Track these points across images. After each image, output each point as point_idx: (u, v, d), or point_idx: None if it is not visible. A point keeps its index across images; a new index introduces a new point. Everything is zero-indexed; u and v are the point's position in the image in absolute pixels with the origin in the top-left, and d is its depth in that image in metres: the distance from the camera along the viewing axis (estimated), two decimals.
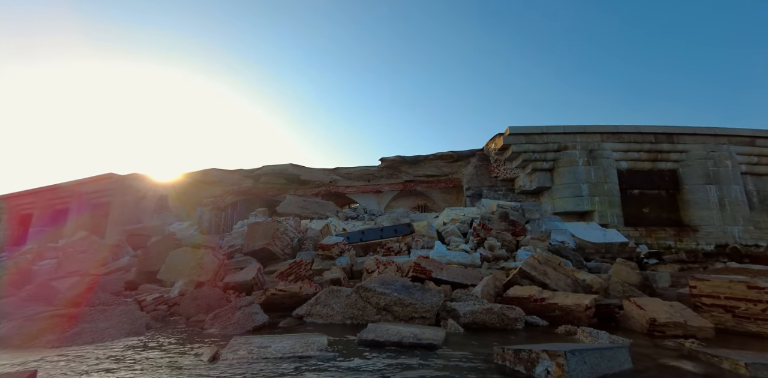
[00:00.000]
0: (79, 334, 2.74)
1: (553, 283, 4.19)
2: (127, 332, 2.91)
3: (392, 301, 3.49)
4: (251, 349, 2.39)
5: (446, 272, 4.75)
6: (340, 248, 6.34)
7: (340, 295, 3.73)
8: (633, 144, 9.81)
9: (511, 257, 6.22)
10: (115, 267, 5.96)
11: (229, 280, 4.66)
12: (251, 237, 6.13)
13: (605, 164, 9.84)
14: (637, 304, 3.15)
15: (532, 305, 3.74)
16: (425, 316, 3.42)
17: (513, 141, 10.14)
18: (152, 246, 5.95)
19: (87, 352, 2.52)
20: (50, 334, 2.69)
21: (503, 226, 6.37)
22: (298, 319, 3.72)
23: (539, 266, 4.34)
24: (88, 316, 2.94)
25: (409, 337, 2.67)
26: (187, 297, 3.98)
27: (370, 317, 3.54)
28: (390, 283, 3.73)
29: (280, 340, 2.57)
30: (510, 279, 4.41)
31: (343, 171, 14.53)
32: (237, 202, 15.03)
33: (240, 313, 3.42)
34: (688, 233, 9.26)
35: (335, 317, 3.64)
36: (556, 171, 10.19)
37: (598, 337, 2.61)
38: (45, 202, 16.61)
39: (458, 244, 6.46)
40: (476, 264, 5.89)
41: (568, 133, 10.06)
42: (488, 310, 3.32)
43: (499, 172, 11.42)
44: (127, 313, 3.13)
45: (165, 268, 5.46)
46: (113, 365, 2.22)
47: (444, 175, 13.20)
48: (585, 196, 9.77)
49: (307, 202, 12.67)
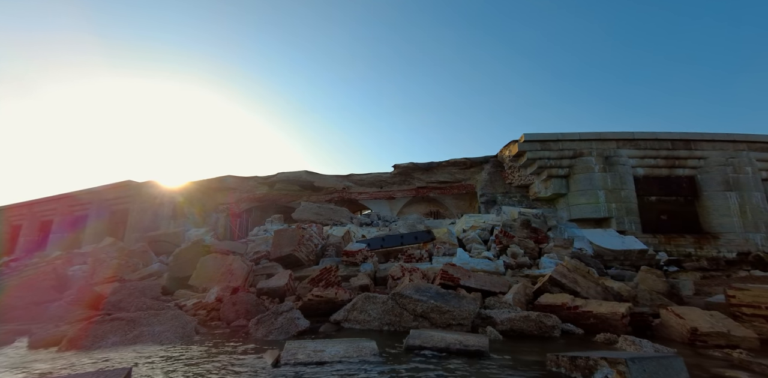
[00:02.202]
0: (139, 336, 2.87)
1: (583, 291, 4.23)
2: (180, 336, 3.03)
3: (429, 308, 3.57)
4: (308, 353, 2.49)
5: (474, 280, 4.81)
6: (363, 255, 6.44)
7: (376, 302, 3.82)
8: (649, 150, 9.82)
9: (534, 265, 6.26)
10: (147, 273, 6.12)
11: (263, 285, 4.78)
12: (278, 243, 6.26)
13: (622, 171, 9.85)
14: (676, 313, 3.19)
15: (566, 313, 3.78)
16: (462, 323, 3.50)
17: (528, 147, 10.21)
18: (182, 252, 6.11)
19: (152, 353, 2.64)
20: (113, 336, 2.82)
21: (525, 233, 6.42)
22: (335, 324, 3.81)
23: (569, 274, 4.39)
24: (143, 320, 3.07)
25: (455, 343, 2.74)
26: (226, 302, 4.10)
27: (408, 324, 3.62)
28: (425, 291, 3.82)
29: (332, 344, 2.67)
30: (539, 287, 4.46)
31: (356, 177, 14.69)
32: (252, 208, 15.25)
33: (282, 318, 3.53)
34: (708, 240, 9.18)
35: (372, 323, 3.73)
36: (572, 178, 10.21)
37: (641, 345, 2.66)
38: (65, 209, 17.01)
39: (480, 251, 6.52)
40: (500, 271, 5.94)
41: (583, 140, 10.11)
42: (525, 318, 3.38)
43: (513, 179, 11.47)
44: (177, 318, 3.25)
45: (196, 274, 5.61)
46: (188, 368, 2.33)
47: (457, 181, 13.28)
48: (602, 203, 9.76)
49: (321, 208, 12.83)
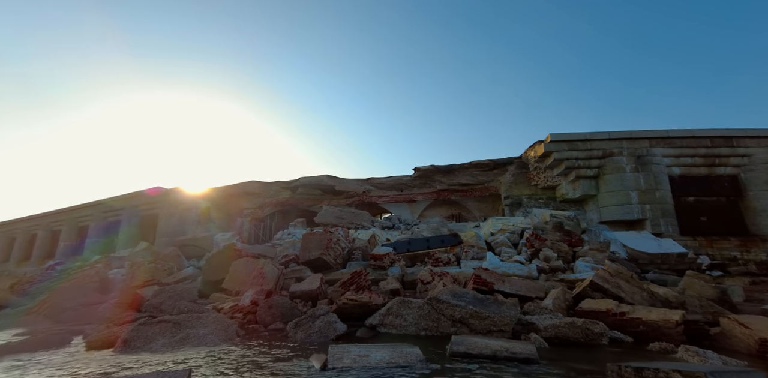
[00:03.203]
0: (185, 338, 2.95)
1: (628, 296, 4.04)
2: (223, 338, 3.09)
3: (468, 314, 3.49)
4: (353, 357, 2.47)
5: (509, 284, 4.68)
6: (390, 258, 6.40)
7: (412, 307, 3.77)
8: (686, 149, 9.34)
9: (568, 269, 6.04)
10: (181, 276, 6.31)
11: (295, 289, 4.82)
12: (306, 247, 6.32)
13: (655, 170, 9.41)
14: (741, 323, 2.98)
15: (611, 320, 3.61)
16: (503, 330, 3.39)
17: (554, 148, 9.93)
18: (214, 256, 6.26)
19: (202, 355, 2.71)
20: (162, 338, 2.91)
21: (558, 236, 6.21)
22: (371, 328, 3.79)
23: (611, 278, 4.20)
24: (188, 323, 3.16)
25: (502, 350, 2.66)
26: (262, 306, 4.16)
27: (446, 329, 3.56)
28: (461, 296, 3.74)
29: (375, 350, 2.64)
30: (579, 292, 4.28)
31: (376, 181, 14.72)
32: (275, 212, 15.54)
33: (319, 322, 3.54)
34: (756, 243, 8.60)
35: (409, 328, 3.68)
36: (602, 178, 9.84)
37: (705, 356, 2.49)
38: (100, 215, 17.88)
39: (510, 255, 6.35)
40: (533, 276, 5.76)
41: (613, 139, 9.74)
42: (571, 325, 3.25)
43: (539, 180, 11.18)
44: (219, 321, 3.32)
45: (229, 277, 5.73)
46: (240, 370, 2.37)
47: (479, 183, 13.07)
48: (635, 204, 9.35)
49: (343, 212, 12.91)
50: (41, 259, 18.55)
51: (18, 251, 19.88)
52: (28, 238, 19.97)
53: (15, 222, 20.67)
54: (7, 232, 21.07)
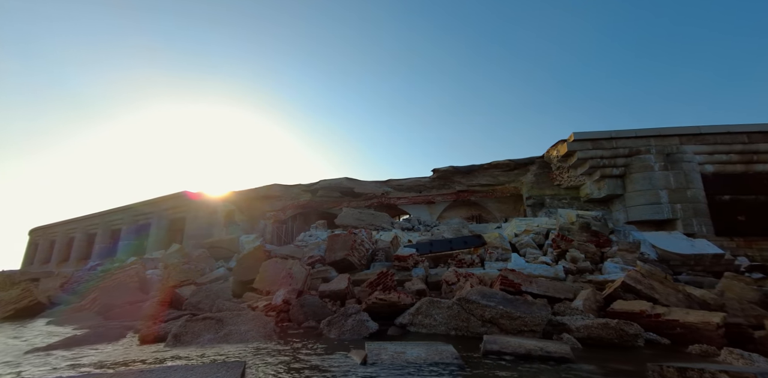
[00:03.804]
0: (228, 335, 3.13)
1: (662, 297, 3.95)
2: (263, 335, 3.26)
3: (498, 314, 3.52)
4: (390, 354, 2.57)
5: (536, 286, 4.66)
6: (414, 259, 6.47)
7: (441, 307, 3.83)
8: (720, 146, 8.95)
9: (596, 270, 5.93)
10: (213, 276, 6.61)
11: (324, 288, 4.97)
12: (332, 248, 6.48)
13: (687, 168, 9.06)
14: None
15: (645, 321, 3.55)
16: (534, 330, 3.40)
17: (578, 147, 9.73)
18: (244, 258, 6.52)
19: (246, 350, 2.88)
20: (207, 334, 3.11)
21: (585, 236, 6.11)
22: (401, 327, 3.87)
23: (643, 280, 4.12)
24: (229, 320, 3.35)
25: (536, 349, 2.69)
26: (294, 305, 4.32)
27: (476, 329, 3.60)
28: (491, 296, 3.77)
29: (411, 347, 2.73)
30: (610, 293, 4.22)
31: (394, 183, 14.82)
32: (296, 215, 15.89)
33: (351, 320, 3.65)
34: None
35: (438, 328, 3.74)
36: (628, 177, 9.56)
37: (752, 359, 2.43)
38: (131, 218, 18.79)
39: (536, 256, 6.29)
40: (560, 277, 5.69)
41: (640, 137, 9.46)
42: (604, 325, 3.22)
43: (562, 180, 10.96)
44: (258, 318, 3.50)
45: (259, 277, 5.95)
46: (286, 364, 2.51)
47: (500, 184, 12.93)
48: (664, 204, 9.03)
49: (362, 213, 13.06)
50: (78, 260, 19.68)
51: (57, 253, 21.16)
52: (66, 240, 21.22)
53: (55, 225, 22.02)
54: (48, 235, 22.47)
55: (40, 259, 22.26)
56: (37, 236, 23.44)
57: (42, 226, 23.28)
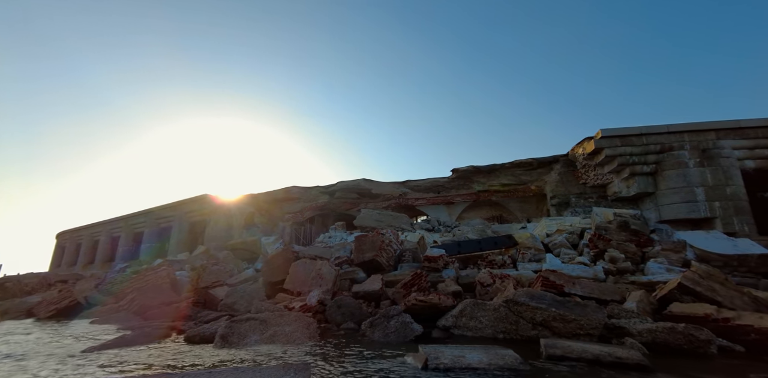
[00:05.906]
0: (274, 335, 3.06)
1: (726, 300, 3.69)
2: (307, 336, 3.18)
3: (550, 316, 3.34)
4: (451, 358, 2.43)
5: (580, 287, 4.45)
6: (444, 261, 6.31)
7: (486, 309, 3.67)
8: (762, 140, 8.50)
9: (638, 270, 5.65)
10: (242, 278, 6.60)
11: (358, 289, 4.87)
12: (360, 249, 6.39)
13: (725, 164, 8.62)
14: None
15: (711, 325, 3.30)
16: (591, 333, 3.21)
17: (606, 144, 9.39)
18: (272, 259, 6.48)
19: (296, 351, 2.79)
20: (253, 335, 3.05)
21: (624, 236, 5.84)
22: (444, 330, 3.73)
23: (702, 281, 3.86)
24: (273, 321, 3.28)
25: (605, 355, 2.51)
26: (331, 306, 4.23)
27: (525, 332, 3.42)
28: (539, 298, 3.59)
29: (468, 351, 2.59)
30: (665, 294, 3.98)
31: (412, 183, 14.67)
32: (314, 216, 15.91)
33: (394, 322, 3.53)
34: None
35: (485, 330, 3.58)
36: (660, 174, 9.17)
37: None
38: (153, 221, 19.16)
39: (572, 256, 6.05)
40: (599, 278, 5.44)
41: (673, 133, 9.06)
42: (671, 330, 3.01)
43: (588, 179, 10.61)
44: (300, 319, 3.42)
45: (289, 278, 5.90)
46: (343, 366, 2.41)
47: (522, 183, 12.63)
48: (701, 202, 8.60)
49: (381, 214, 12.95)
50: (103, 262, 20.18)
51: (83, 255, 21.77)
52: (91, 243, 21.81)
53: (81, 229, 22.67)
54: (75, 238, 23.15)
55: (67, 262, 22.93)
56: (64, 239, 24.18)
57: (68, 230, 24.01)
